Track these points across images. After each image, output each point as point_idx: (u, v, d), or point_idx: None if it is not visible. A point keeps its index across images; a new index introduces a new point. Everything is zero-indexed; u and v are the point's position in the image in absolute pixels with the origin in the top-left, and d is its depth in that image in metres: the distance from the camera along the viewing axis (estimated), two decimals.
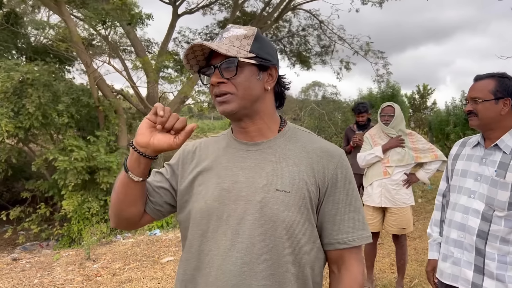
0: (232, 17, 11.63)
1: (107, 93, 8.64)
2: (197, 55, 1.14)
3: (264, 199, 1.11)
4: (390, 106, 3.80)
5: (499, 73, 1.90)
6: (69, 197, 7.41)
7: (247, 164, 1.17)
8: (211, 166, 1.21)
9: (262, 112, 1.19)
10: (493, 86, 1.86)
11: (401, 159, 3.70)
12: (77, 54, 8.54)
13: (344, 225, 1.17)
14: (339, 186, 1.17)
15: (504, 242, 1.82)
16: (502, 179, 1.81)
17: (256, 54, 1.13)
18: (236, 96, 1.12)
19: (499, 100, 1.85)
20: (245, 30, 1.15)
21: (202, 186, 1.19)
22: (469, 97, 1.93)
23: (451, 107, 13.90)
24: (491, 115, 1.87)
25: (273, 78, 1.19)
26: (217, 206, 1.14)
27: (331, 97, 14.76)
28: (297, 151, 1.19)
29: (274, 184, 1.12)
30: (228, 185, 1.15)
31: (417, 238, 5.85)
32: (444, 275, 2.03)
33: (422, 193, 9.05)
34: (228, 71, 1.10)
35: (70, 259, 5.18)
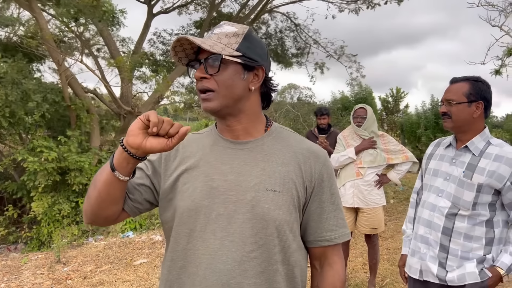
0: (209, 18, 11.58)
1: (79, 92, 8.45)
2: (186, 48, 1.14)
3: (255, 198, 1.12)
4: (363, 108, 3.88)
5: (474, 77, 1.96)
6: (39, 198, 7.20)
7: (236, 163, 1.17)
8: (197, 164, 1.19)
9: (247, 111, 1.19)
10: (467, 89, 1.91)
11: (373, 160, 3.77)
12: (49, 52, 8.32)
13: (329, 223, 1.21)
14: (325, 186, 1.21)
15: (467, 239, 1.90)
16: (469, 180, 1.88)
17: (243, 53, 1.12)
18: (218, 93, 1.11)
19: (472, 103, 1.91)
20: (236, 28, 1.14)
21: (188, 184, 1.16)
22: (444, 99, 1.99)
23: (422, 111, 14.25)
24: (464, 117, 1.92)
25: (259, 79, 1.18)
26: (206, 204, 1.13)
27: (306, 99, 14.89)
28: (284, 151, 1.20)
29: (265, 184, 1.13)
30: (218, 183, 1.14)
31: (389, 238, 5.96)
32: (412, 269, 2.10)
33: (394, 194, 9.23)
34: (211, 67, 1.10)
35: (39, 263, 5.04)
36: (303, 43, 12.94)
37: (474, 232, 1.88)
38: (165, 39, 12.49)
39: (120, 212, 1.21)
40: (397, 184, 4.06)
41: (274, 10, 12.42)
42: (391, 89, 17.91)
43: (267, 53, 1.22)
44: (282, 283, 1.14)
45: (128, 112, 9.18)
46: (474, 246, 1.89)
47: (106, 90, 9.62)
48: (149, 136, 1.03)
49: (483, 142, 1.92)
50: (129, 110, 9.12)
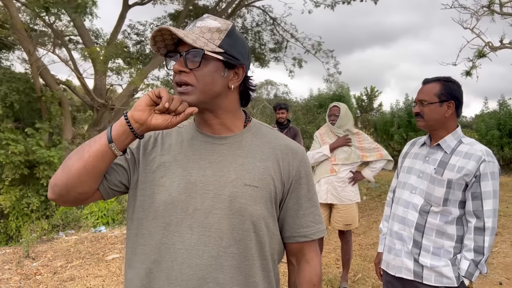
0: (185, 10, 11.45)
1: (51, 83, 8.22)
2: (166, 39, 1.11)
3: (233, 194, 1.11)
4: (336, 106, 3.94)
5: (445, 77, 2.02)
6: (7, 192, 6.98)
7: (214, 157, 1.16)
8: (175, 157, 1.17)
9: (224, 108, 1.18)
10: (438, 89, 1.97)
11: (347, 157, 3.83)
12: (19, 41, 8.05)
13: (306, 219, 1.22)
14: (302, 182, 1.22)
15: (439, 235, 1.95)
16: (440, 176, 1.93)
17: (225, 50, 1.10)
18: (196, 88, 1.09)
19: (443, 103, 1.96)
20: (219, 23, 1.12)
21: (165, 178, 1.15)
22: (417, 99, 2.04)
23: (396, 109, 14.55)
24: (436, 117, 1.98)
25: (239, 78, 1.17)
26: (183, 199, 1.11)
27: (282, 96, 14.96)
28: (263, 147, 1.20)
29: (243, 179, 1.13)
30: (196, 178, 1.13)
31: (362, 234, 6.07)
32: (389, 266, 2.14)
33: (367, 190, 9.40)
34: (192, 61, 1.08)
35: (6, 257, 4.89)
36: (281, 37, 12.98)
37: (446, 229, 1.94)
38: (140, 31, 12.29)
39: (94, 192, 1.16)
40: (371, 181, 4.14)
41: (251, 4, 12.39)
42: (366, 87, 18.23)
43: (248, 52, 1.21)
44: (259, 277, 1.15)
45: (101, 104, 9.00)
46: (446, 243, 1.94)
47: (79, 82, 9.39)
48: (155, 113, 1.04)
49: (455, 141, 1.98)
50: (102, 102, 8.94)
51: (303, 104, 12.38)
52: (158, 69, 11.94)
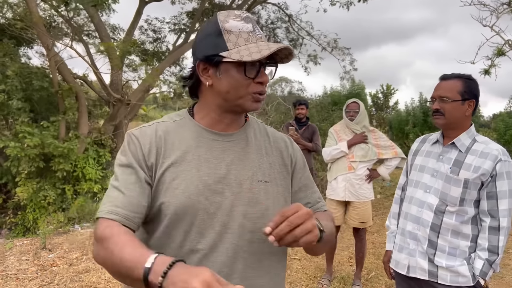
0: (201, 8, 11.46)
1: (68, 78, 8.31)
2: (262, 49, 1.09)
3: (251, 190, 1.15)
4: (355, 102, 3.92)
5: (466, 75, 1.97)
6: (24, 184, 7.10)
7: (227, 155, 1.17)
8: (184, 157, 1.14)
9: None
10: (461, 87, 1.93)
11: (365, 154, 3.81)
12: (38, 36, 8.15)
13: (315, 196, 1.33)
14: (302, 166, 1.33)
15: (455, 235, 1.92)
16: (456, 176, 1.90)
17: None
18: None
19: (465, 101, 1.93)
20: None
21: (178, 179, 1.11)
22: (437, 95, 1.98)
23: (411, 108, 14.38)
24: (457, 115, 1.94)
25: None
26: (203, 200, 1.11)
27: (297, 92, 14.91)
28: (265, 142, 1.26)
29: (257, 175, 1.17)
30: (213, 178, 1.13)
31: (375, 232, 6.03)
32: (399, 265, 2.12)
33: (381, 189, 9.32)
34: (271, 74, 1.17)
35: (24, 248, 4.99)
36: (296, 34, 12.89)
37: (461, 229, 1.91)
38: (156, 27, 12.34)
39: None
40: (386, 179, 4.12)
41: (267, 2, 12.34)
42: (381, 85, 18.04)
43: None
44: (280, 267, 1.24)
45: (117, 99, 9.07)
46: (461, 243, 1.92)
47: (96, 77, 9.48)
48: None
49: (469, 139, 1.95)
50: (118, 97, 9.01)
51: (317, 101, 12.30)
52: (174, 65, 11.98)
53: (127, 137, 1.17)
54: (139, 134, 1.16)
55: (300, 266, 4.58)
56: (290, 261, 4.72)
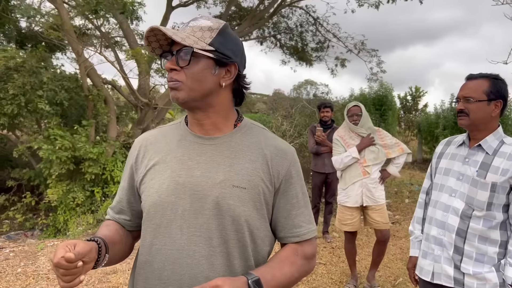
0: (227, 12, 11.56)
1: (97, 83, 8.53)
2: (160, 39, 1.13)
3: (221, 195, 1.12)
4: (357, 106, 3.88)
5: (493, 75, 1.90)
6: (54, 186, 7.31)
7: (203, 158, 1.17)
8: (164, 159, 1.19)
9: (216, 107, 1.19)
10: (487, 86, 1.86)
11: (376, 157, 3.77)
12: (69, 42, 8.42)
13: (298, 220, 1.23)
14: (293, 182, 1.22)
15: (482, 242, 1.84)
16: (483, 179, 1.83)
17: (216, 48, 1.12)
18: (185, 85, 1.12)
19: (491, 101, 1.85)
20: (211, 23, 1.14)
21: (155, 180, 1.17)
22: (461, 95, 1.92)
23: (441, 110, 14.02)
24: (482, 115, 1.87)
25: (231, 75, 1.18)
26: (173, 200, 1.13)
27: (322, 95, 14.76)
28: (253, 148, 1.20)
29: (231, 180, 1.14)
30: (184, 179, 1.14)
31: (403, 237, 5.90)
32: (423, 272, 2.05)
33: (409, 193, 9.12)
34: (183, 59, 1.10)
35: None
36: (322, 37, 12.82)
37: (489, 234, 1.83)
38: None
39: (131, 242, 1.31)
40: (397, 177, 4.04)
41: (293, 5, 12.32)
42: (410, 87, 17.70)
43: (242, 50, 1.21)
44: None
45: (145, 104, 9.25)
46: (489, 249, 1.84)
47: (124, 82, 9.70)
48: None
49: (496, 141, 1.88)
50: (146, 102, 9.18)
51: (342, 104, 12.15)
52: None
53: None
54: (136, 140, 1.30)
55: (325, 271, 4.53)
56: (315, 265, 4.67)
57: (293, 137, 8.62)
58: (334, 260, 4.84)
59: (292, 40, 13.16)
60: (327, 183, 5.60)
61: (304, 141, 8.29)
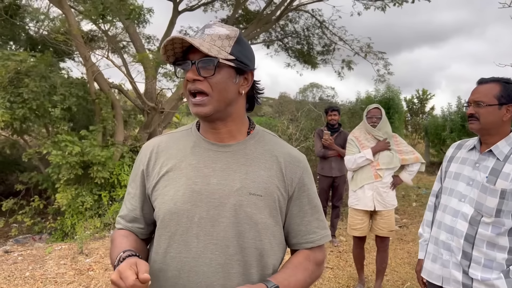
0: (234, 15, 11.59)
1: (104, 87, 8.59)
2: (176, 47, 1.12)
3: (239, 202, 1.13)
4: (377, 108, 3.83)
5: (504, 79, 1.88)
6: (63, 190, 7.35)
7: (219, 165, 1.17)
8: (178, 166, 1.18)
9: (234, 115, 1.19)
10: (498, 91, 1.83)
11: (390, 162, 3.73)
12: (76, 47, 8.48)
13: (312, 226, 1.24)
14: (305, 189, 1.23)
15: (491, 247, 1.82)
16: (492, 186, 1.81)
17: (236, 57, 1.11)
18: (212, 97, 1.11)
19: (502, 105, 1.83)
20: (227, 30, 1.13)
21: (169, 187, 1.17)
22: (472, 100, 1.90)
23: (448, 113, 13.94)
24: (493, 120, 1.85)
25: (248, 83, 1.19)
26: (189, 208, 1.13)
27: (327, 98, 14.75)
28: (267, 155, 1.21)
29: (248, 188, 1.14)
30: (200, 187, 1.14)
31: (411, 241, 5.86)
32: (433, 276, 2.04)
33: (416, 197, 9.08)
34: (206, 69, 1.09)
35: (62, 253, 5.16)
36: (329, 40, 12.81)
37: (497, 241, 1.81)
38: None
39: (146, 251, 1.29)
40: (409, 184, 4.02)
41: (299, 9, 12.33)
42: (417, 90, 17.62)
43: (254, 57, 1.22)
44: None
45: (151, 108, 9.28)
46: (498, 255, 1.82)
47: (131, 86, 9.75)
48: None
49: (508, 147, 1.85)
50: (152, 106, 9.22)
51: (349, 107, 12.13)
52: None
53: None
54: (145, 145, 1.29)
55: (332, 275, 4.51)
56: None
57: (299, 140, 8.61)
58: (341, 264, 4.82)
59: (298, 43, 13.15)
60: (334, 186, 5.59)
61: (310, 144, 8.28)
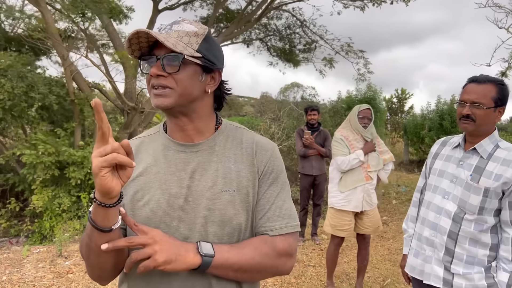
0: (214, 14, 11.56)
1: (83, 87, 8.45)
2: (141, 41, 1.09)
3: (212, 201, 1.12)
4: (369, 109, 3.80)
5: (498, 80, 1.87)
6: (40, 192, 7.20)
7: (190, 167, 1.15)
8: (149, 170, 1.17)
9: (199, 112, 1.18)
10: (495, 93, 1.82)
11: (378, 163, 3.78)
12: (53, 46, 8.32)
13: (273, 214, 1.18)
14: (271, 177, 1.20)
15: (473, 244, 1.86)
16: (476, 184, 1.83)
17: (203, 55, 1.10)
18: (175, 91, 1.09)
19: (496, 108, 1.84)
20: (196, 28, 1.12)
21: (142, 192, 1.14)
22: (469, 100, 1.86)
23: (426, 112, 14.19)
24: (488, 122, 1.85)
25: (215, 82, 1.18)
26: (166, 213, 1.11)
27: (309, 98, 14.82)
28: (236, 149, 1.20)
29: (219, 185, 1.13)
30: (176, 190, 1.13)
31: (391, 238, 5.94)
32: (415, 271, 2.07)
33: (396, 194, 9.21)
34: (170, 65, 1.08)
35: (41, 256, 5.05)
36: (310, 39, 12.89)
37: (480, 237, 1.85)
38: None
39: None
40: (386, 182, 4.06)
41: (280, 8, 12.36)
42: (396, 89, 17.89)
43: (223, 56, 1.21)
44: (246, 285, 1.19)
45: (132, 108, 9.18)
46: (480, 252, 1.85)
47: (111, 86, 9.62)
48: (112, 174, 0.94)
49: (491, 145, 1.87)
50: (132, 106, 9.12)
51: (330, 106, 12.23)
52: None
53: None
54: None
55: (314, 273, 4.54)
56: (305, 268, 4.68)
57: (281, 139, 8.64)
58: (323, 262, 4.85)
59: (279, 42, 13.20)
60: (315, 185, 5.63)
61: (292, 143, 8.32)
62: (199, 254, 1.04)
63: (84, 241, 1.07)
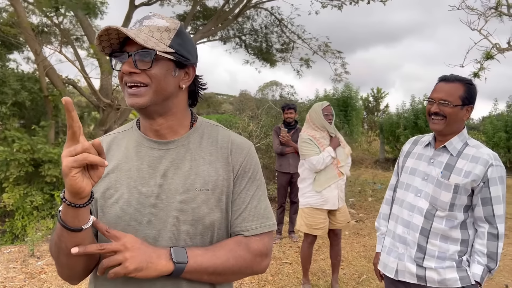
0: (192, 11, 11.46)
1: (57, 83, 8.26)
2: (112, 38, 1.07)
3: (185, 200, 1.10)
4: (330, 105, 3.84)
5: (467, 79, 1.92)
6: (11, 190, 7.00)
7: (163, 164, 1.13)
8: (121, 167, 1.14)
9: (174, 109, 1.16)
10: (463, 92, 1.87)
11: (345, 158, 3.81)
12: (26, 41, 8.09)
13: (248, 214, 1.17)
14: (247, 177, 1.19)
15: (444, 240, 1.91)
16: (446, 181, 1.88)
17: (175, 50, 1.09)
18: (150, 88, 1.07)
19: (464, 106, 1.88)
20: (167, 22, 1.10)
21: (113, 189, 1.12)
22: (437, 98, 1.91)
23: (402, 111, 14.48)
24: (456, 120, 1.90)
25: (190, 77, 1.16)
26: (136, 211, 1.09)
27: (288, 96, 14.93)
28: (211, 147, 1.19)
29: (193, 184, 1.11)
30: (147, 188, 1.10)
31: (367, 235, 6.03)
32: (387, 268, 2.10)
33: (372, 192, 9.35)
34: (142, 62, 1.05)
35: (12, 256, 4.91)
36: (287, 38, 12.93)
37: (450, 234, 1.90)
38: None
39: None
40: (348, 175, 4.06)
41: (258, 7, 12.37)
42: (372, 89, 18.17)
43: (197, 51, 1.19)
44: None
45: (107, 104, 9.03)
46: (451, 248, 1.90)
47: (86, 82, 9.43)
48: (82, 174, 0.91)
49: (461, 143, 1.92)
50: (108, 102, 8.97)
51: (308, 105, 12.33)
52: None
53: None
54: None
55: (291, 270, 4.57)
56: (282, 265, 4.70)
57: (259, 137, 8.65)
58: None
59: (257, 41, 13.20)
60: (292, 182, 5.66)
61: (270, 141, 8.33)
62: (172, 261, 1.02)
63: (54, 241, 1.03)
